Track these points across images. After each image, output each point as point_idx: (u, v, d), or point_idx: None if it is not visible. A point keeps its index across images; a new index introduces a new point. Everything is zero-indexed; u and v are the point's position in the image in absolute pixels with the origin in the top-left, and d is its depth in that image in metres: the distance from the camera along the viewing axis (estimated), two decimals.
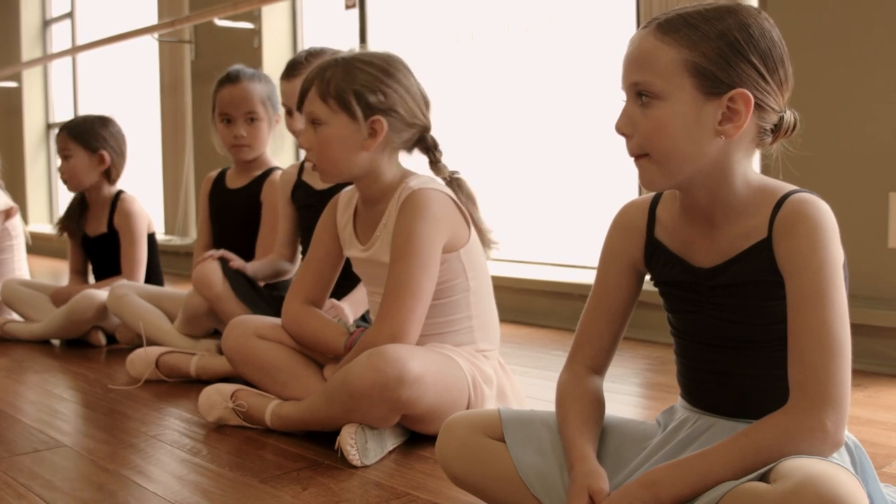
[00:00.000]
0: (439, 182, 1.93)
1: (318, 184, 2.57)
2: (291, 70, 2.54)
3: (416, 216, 1.83)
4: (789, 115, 1.24)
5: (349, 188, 2.07)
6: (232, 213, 2.91)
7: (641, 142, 1.23)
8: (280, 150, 4.87)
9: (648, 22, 1.24)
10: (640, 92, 1.22)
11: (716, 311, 1.28)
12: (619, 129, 1.25)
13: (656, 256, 1.35)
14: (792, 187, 1.24)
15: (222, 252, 2.58)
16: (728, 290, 1.26)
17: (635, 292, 1.42)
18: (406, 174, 1.95)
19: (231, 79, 2.80)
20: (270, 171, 2.87)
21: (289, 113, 2.59)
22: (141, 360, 2.50)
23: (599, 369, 1.42)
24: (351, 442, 1.75)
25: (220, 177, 3.00)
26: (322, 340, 1.97)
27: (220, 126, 2.83)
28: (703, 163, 1.22)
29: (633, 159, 1.26)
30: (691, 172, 1.23)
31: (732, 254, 1.25)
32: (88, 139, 3.25)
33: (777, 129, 1.23)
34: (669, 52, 1.19)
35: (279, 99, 2.86)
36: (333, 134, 1.86)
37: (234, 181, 2.94)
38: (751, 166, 1.26)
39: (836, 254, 1.18)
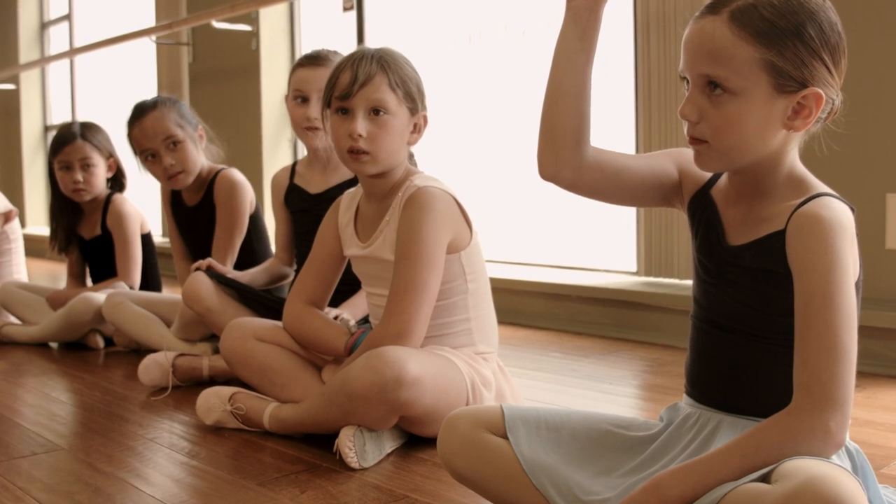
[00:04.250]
0: (443, 181, 1.94)
1: (312, 187, 2.56)
2: (315, 59, 2.48)
3: (421, 214, 1.84)
4: (839, 99, 1.25)
5: (351, 190, 2.07)
6: (197, 228, 2.89)
7: (707, 132, 1.22)
8: (276, 152, 4.90)
9: (716, 4, 1.22)
10: (712, 83, 1.21)
11: (730, 290, 1.29)
12: (686, 116, 1.23)
13: (700, 211, 1.36)
14: (827, 190, 1.24)
15: (209, 261, 2.54)
16: (741, 272, 1.27)
17: (657, 177, 1.39)
18: (410, 171, 1.96)
19: (137, 114, 2.80)
20: (217, 173, 2.84)
21: (304, 100, 2.48)
22: (157, 366, 2.47)
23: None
24: (349, 444, 1.75)
25: (175, 191, 2.96)
26: (323, 340, 1.97)
27: (149, 164, 2.81)
28: (763, 153, 1.24)
29: (689, 140, 1.25)
30: (749, 161, 1.24)
31: (752, 238, 1.26)
32: (105, 145, 3.25)
33: (826, 114, 1.25)
34: (747, 49, 1.18)
35: (193, 115, 2.87)
36: (398, 125, 1.89)
37: (191, 198, 2.91)
38: (797, 156, 1.28)
39: (847, 259, 1.17)
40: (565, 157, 1.34)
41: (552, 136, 1.34)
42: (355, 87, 1.85)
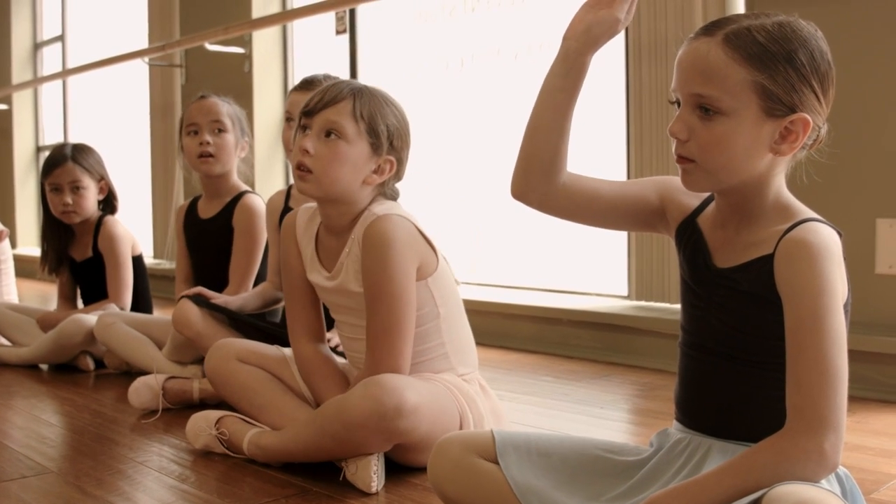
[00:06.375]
0: (403, 208, 1.92)
1: None
2: (308, 84, 2.48)
3: (383, 250, 1.80)
4: (824, 129, 1.27)
5: (307, 206, 2.04)
6: (207, 242, 2.90)
7: (695, 150, 1.24)
8: (269, 174, 4.90)
9: (711, 27, 1.24)
10: (702, 105, 1.23)
11: (718, 313, 1.30)
12: (675, 134, 1.25)
13: (686, 237, 1.37)
14: (814, 215, 1.26)
15: (200, 289, 2.55)
16: (729, 294, 1.28)
17: (632, 205, 1.42)
18: (374, 199, 1.92)
19: (201, 97, 2.90)
20: (241, 195, 2.87)
21: (291, 122, 2.50)
22: (147, 389, 2.46)
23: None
24: (374, 469, 1.73)
25: (192, 206, 2.99)
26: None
27: (186, 139, 2.85)
28: (749, 175, 1.25)
29: (676, 158, 1.27)
30: (736, 183, 1.26)
31: (740, 261, 1.28)
32: (96, 168, 3.24)
33: (812, 142, 1.27)
34: (740, 72, 1.20)
35: (246, 127, 2.92)
36: (351, 154, 1.85)
37: (206, 210, 2.93)
38: (783, 183, 1.29)
39: (836, 283, 1.18)
40: (534, 184, 1.39)
41: (524, 163, 1.40)
42: (318, 105, 1.86)
